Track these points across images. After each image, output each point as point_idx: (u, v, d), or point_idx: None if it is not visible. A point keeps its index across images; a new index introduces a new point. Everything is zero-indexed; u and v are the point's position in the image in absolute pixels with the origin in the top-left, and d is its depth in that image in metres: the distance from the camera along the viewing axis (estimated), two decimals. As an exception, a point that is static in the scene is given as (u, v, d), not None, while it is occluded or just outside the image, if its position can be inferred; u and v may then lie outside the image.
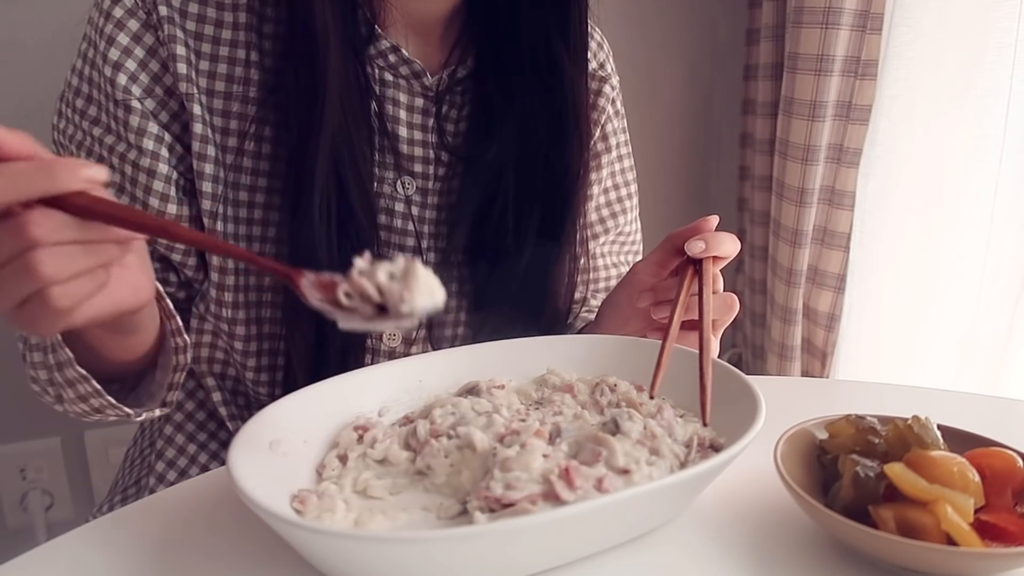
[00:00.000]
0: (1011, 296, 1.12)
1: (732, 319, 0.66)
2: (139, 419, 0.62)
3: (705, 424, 0.53)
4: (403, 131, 0.73)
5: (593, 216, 0.87)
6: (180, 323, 0.60)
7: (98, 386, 0.58)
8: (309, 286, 0.44)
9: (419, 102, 0.73)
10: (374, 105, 0.71)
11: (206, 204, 0.68)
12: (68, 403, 0.62)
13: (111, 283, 0.45)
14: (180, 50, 0.66)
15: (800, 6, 1.25)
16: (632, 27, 1.53)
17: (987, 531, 0.44)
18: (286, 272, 0.45)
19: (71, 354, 0.57)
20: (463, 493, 0.48)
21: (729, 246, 0.64)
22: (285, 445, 0.50)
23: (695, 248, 0.63)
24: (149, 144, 0.66)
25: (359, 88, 0.69)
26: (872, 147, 1.21)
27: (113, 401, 0.60)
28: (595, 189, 0.85)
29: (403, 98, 0.73)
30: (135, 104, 0.66)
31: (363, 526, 0.45)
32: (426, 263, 0.73)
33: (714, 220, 0.65)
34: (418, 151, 0.74)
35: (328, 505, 0.46)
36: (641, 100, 1.56)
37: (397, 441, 0.53)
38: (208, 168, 0.68)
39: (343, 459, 0.51)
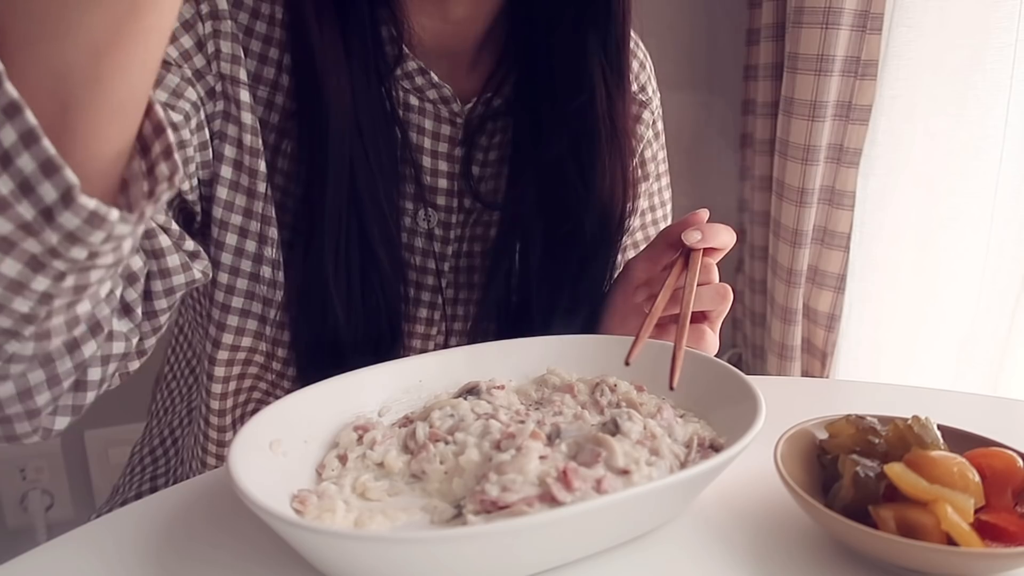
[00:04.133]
0: (1011, 296, 1.12)
1: (727, 309, 0.65)
2: (98, 212, 0.37)
3: (672, 388, 0.54)
4: (427, 160, 0.68)
5: (627, 240, 0.82)
6: (172, 140, 0.41)
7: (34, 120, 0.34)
8: None
9: (446, 130, 0.68)
10: (399, 131, 0.66)
11: (257, 206, 0.61)
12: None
13: None
14: (227, 27, 0.57)
15: (800, 6, 1.25)
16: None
17: (987, 531, 0.44)
18: None
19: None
20: (456, 498, 0.48)
21: (725, 237, 0.64)
22: (285, 445, 0.50)
23: (692, 238, 0.62)
24: (187, 107, 0.56)
25: (383, 113, 0.63)
26: (872, 147, 1.21)
27: (55, 153, 0.34)
28: (633, 219, 0.80)
29: (428, 125, 0.67)
30: (172, 66, 0.56)
31: (363, 526, 0.45)
32: (444, 303, 0.70)
33: (705, 213, 0.65)
34: (442, 183, 0.69)
35: (328, 505, 0.46)
36: (641, 100, 1.56)
37: (396, 443, 0.53)
38: (262, 165, 0.60)
39: (343, 459, 0.51)
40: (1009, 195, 1.12)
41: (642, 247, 0.83)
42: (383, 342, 0.65)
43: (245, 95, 0.59)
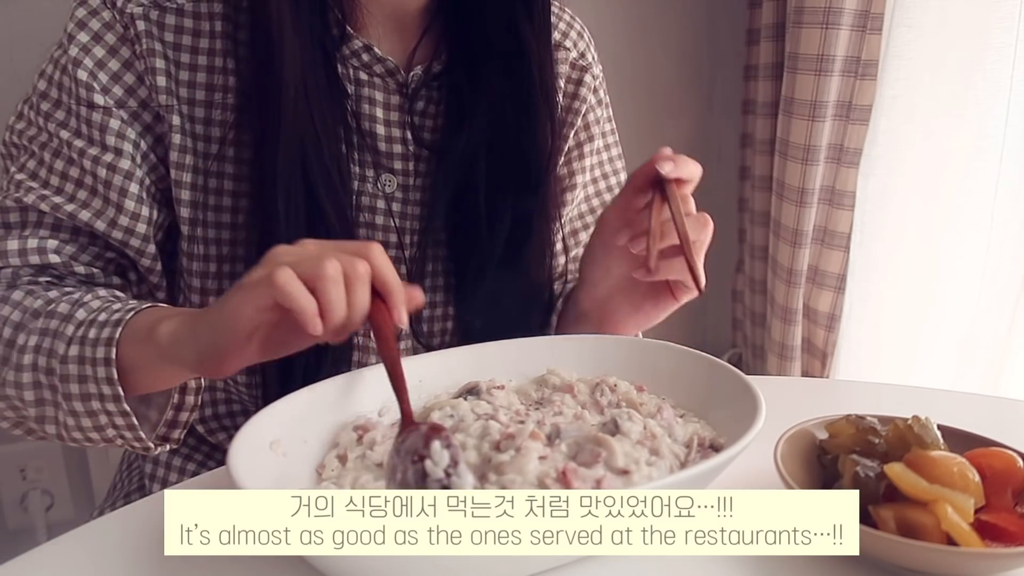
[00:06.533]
0: (1011, 296, 1.12)
1: (709, 237, 0.66)
2: (154, 452, 0.64)
3: (700, 291, 0.56)
4: (380, 129, 0.73)
5: (584, 207, 0.88)
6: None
7: (135, 421, 0.59)
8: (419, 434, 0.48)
9: (395, 99, 0.74)
10: (350, 105, 0.72)
11: (185, 212, 0.68)
12: (66, 428, 0.62)
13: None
14: (159, 63, 0.66)
15: (800, 6, 1.25)
16: (632, 27, 1.53)
17: (987, 531, 0.44)
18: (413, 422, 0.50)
19: (121, 391, 0.58)
20: None
21: (692, 168, 0.65)
22: (285, 445, 0.50)
23: (665, 167, 0.64)
24: (128, 148, 0.66)
25: (331, 88, 0.69)
26: (872, 147, 1.21)
27: (143, 436, 0.61)
28: (580, 179, 0.85)
29: (379, 96, 0.73)
30: (114, 109, 0.66)
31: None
32: (409, 259, 0.75)
33: (669, 149, 0.66)
34: (397, 148, 0.74)
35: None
36: (641, 100, 1.56)
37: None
38: (187, 177, 0.68)
39: (342, 459, 0.51)
40: (1009, 195, 1.12)
41: (599, 211, 0.88)
42: None
43: (175, 119, 0.67)
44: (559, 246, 0.82)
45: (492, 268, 0.75)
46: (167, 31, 0.67)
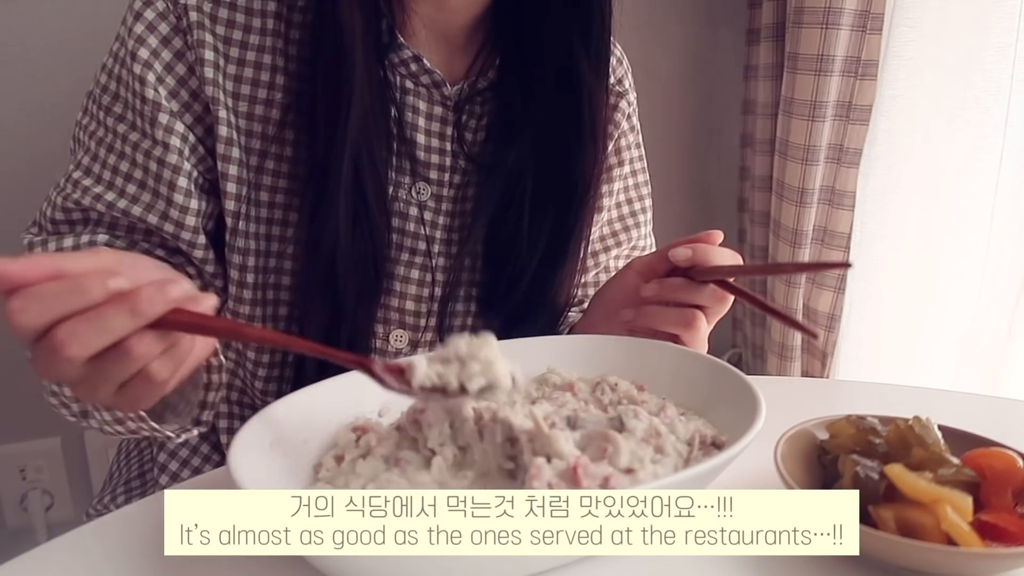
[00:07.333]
0: (1011, 296, 1.12)
1: (726, 309, 0.67)
2: (178, 440, 0.65)
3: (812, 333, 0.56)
4: (421, 138, 0.74)
5: (606, 229, 0.88)
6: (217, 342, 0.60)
7: (153, 423, 0.59)
8: (384, 373, 0.49)
9: (438, 110, 0.74)
10: (394, 111, 0.73)
11: (230, 204, 0.69)
12: (99, 422, 0.62)
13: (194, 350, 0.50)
14: (208, 55, 0.67)
15: (800, 6, 1.25)
16: (631, 27, 1.53)
17: (987, 531, 0.44)
18: (359, 360, 0.50)
19: None
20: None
21: (706, 252, 0.65)
22: (285, 445, 0.50)
23: (679, 255, 0.65)
24: (176, 142, 0.67)
25: (381, 94, 0.70)
26: (872, 147, 1.21)
27: (157, 427, 0.60)
28: (607, 202, 0.86)
29: (422, 106, 0.74)
30: (163, 103, 0.66)
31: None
32: (435, 268, 0.75)
33: (718, 235, 0.66)
34: (435, 158, 0.75)
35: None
36: (640, 100, 1.55)
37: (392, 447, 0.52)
38: (232, 169, 0.69)
39: (339, 459, 0.51)
40: (1009, 195, 1.12)
41: (621, 236, 0.90)
42: (367, 282, 0.72)
43: (221, 112, 0.68)
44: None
45: (524, 284, 0.75)
46: (218, 24, 0.67)
